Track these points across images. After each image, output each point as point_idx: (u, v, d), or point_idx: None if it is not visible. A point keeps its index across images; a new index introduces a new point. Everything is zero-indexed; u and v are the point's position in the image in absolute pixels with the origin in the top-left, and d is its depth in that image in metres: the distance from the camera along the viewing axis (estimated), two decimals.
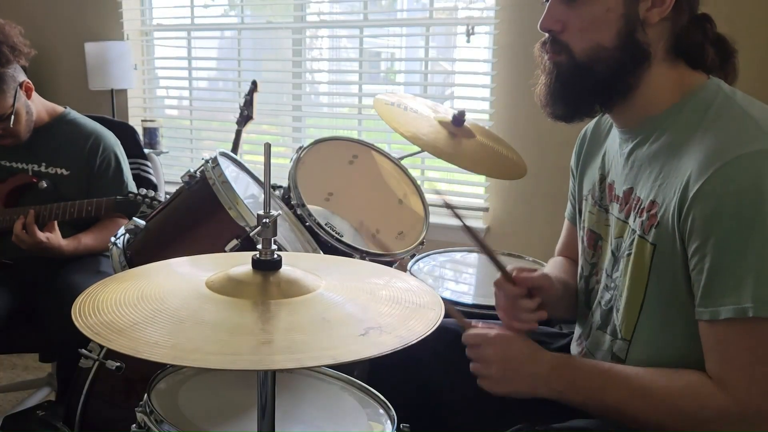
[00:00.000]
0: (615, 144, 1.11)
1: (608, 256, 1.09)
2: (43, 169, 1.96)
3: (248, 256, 0.87)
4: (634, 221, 1.02)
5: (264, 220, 0.85)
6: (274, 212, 0.86)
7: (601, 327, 1.10)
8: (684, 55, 1.00)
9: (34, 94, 1.95)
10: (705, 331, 0.91)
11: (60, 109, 2.06)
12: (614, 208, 1.09)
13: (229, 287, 0.83)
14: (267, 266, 0.85)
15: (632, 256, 1.01)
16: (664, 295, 0.97)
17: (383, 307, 0.83)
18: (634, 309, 1.01)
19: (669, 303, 0.97)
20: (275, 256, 0.86)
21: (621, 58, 0.99)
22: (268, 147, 0.87)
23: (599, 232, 1.13)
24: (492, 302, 1.57)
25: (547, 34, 1.08)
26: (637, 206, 1.01)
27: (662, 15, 0.97)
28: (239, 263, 0.87)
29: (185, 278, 0.91)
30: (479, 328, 1.10)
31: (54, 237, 1.83)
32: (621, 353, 1.04)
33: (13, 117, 1.85)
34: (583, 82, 1.02)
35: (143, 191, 1.82)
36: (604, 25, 0.99)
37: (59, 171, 1.96)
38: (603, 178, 1.14)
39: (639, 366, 1.00)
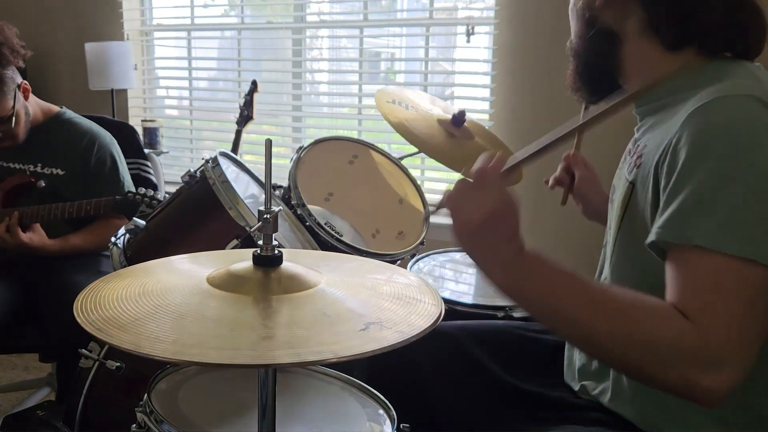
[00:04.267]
0: None
1: None
2: (39, 169, 1.96)
3: (249, 252, 0.87)
4: (627, 166, 1.04)
5: (265, 216, 0.85)
6: (275, 208, 0.86)
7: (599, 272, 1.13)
8: (661, 32, 0.99)
9: (30, 95, 1.95)
10: (671, 259, 0.86)
11: (55, 108, 2.06)
12: (625, 160, 1.10)
13: (230, 283, 0.83)
14: (268, 262, 0.85)
15: (616, 198, 1.05)
16: (630, 234, 0.99)
17: (384, 302, 0.84)
18: (612, 248, 1.04)
19: (634, 242, 0.96)
20: (276, 252, 0.86)
21: (590, 41, 1.06)
22: (269, 143, 0.87)
23: (616, 184, 1.14)
24: (492, 302, 1.58)
25: None
26: (633, 152, 1.04)
27: None
28: (240, 260, 0.87)
29: (186, 274, 0.91)
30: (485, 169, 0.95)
31: (37, 238, 1.85)
32: None
33: (14, 119, 1.86)
34: (585, 68, 1.10)
35: (142, 191, 1.82)
36: (576, 14, 1.09)
37: (55, 171, 1.96)
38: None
39: None
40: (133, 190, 1.87)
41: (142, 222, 1.49)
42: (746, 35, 0.98)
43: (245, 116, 2.48)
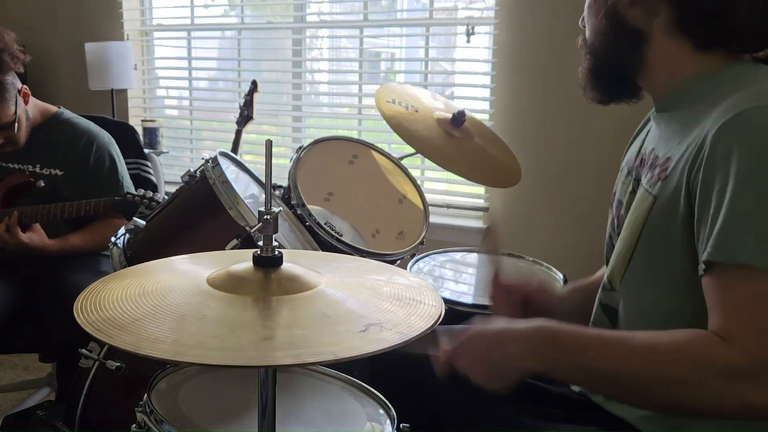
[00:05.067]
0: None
1: None
2: (38, 170, 1.97)
3: (249, 253, 0.87)
4: (645, 176, 1.02)
5: (265, 217, 0.85)
6: (275, 209, 0.86)
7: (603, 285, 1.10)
8: (689, 30, 0.97)
9: (30, 98, 1.96)
10: (709, 283, 0.86)
11: (53, 109, 2.06)
12: (641, 173, 1.07)
13: (230, 284, 0.83)
14: (268, 263, 0.85)
15: (633, 209, 1.01)
16: (653, 250, 0.96)
17: (384, 303, 0.83)
18: (623, 260, 1.01)
19: (656, 258, 0.95)
20: (276, 252, 0.86)
21: (612, 39, 1.02)
22: (269, 143, 0.87)
23: (624, 200, 1.13)
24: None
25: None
26: (653, 163, 1.01)
27: None
28: (240, 260, 0.87)
29: (187, 275, 0.91)
30: (443, 346, 1.02)
31: (37, 238, 1.85)
32: (612, 303, 1.05)
33: (16, 125, 1.86)
34: (599, 68, 1.07)
35: (141, 191, 1.82)
36: (595, 10, 1.04)
37: (54, 172, 1.96)
38: (640, 149, 1.13)
39: (628, 325, 0.99)
40: (132, 190, 1.87)
41: (142, 222, 1.49)
42: None
43: (245, 116, 2.48)
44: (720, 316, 0.84)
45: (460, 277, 1.86)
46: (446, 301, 1.52)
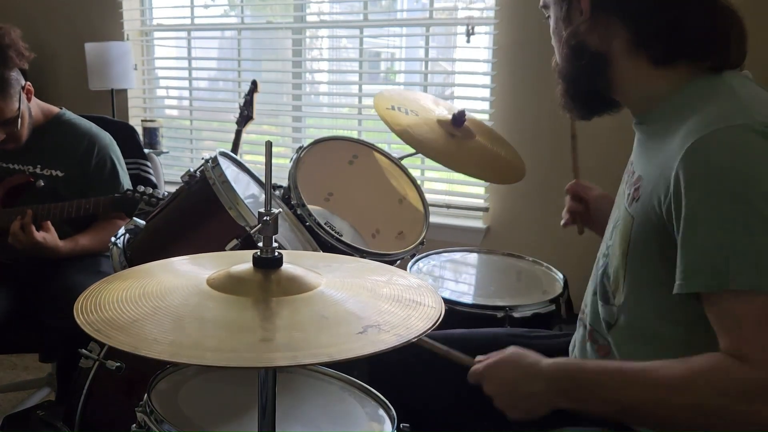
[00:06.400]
0: None
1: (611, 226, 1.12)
2: (38, 170, 1.96)
3: (249, 254, 0.87)
4: (624, 194, 1.05)
5: (265, 218, 0.85)
6: (275, 210, 0.86)
7: (594, 293, 1.11)
8: (647, 48, 1.00)
9: (32, 96, 1.96)
10: (710, 304, 0.88)
11: (55, 109, 2.06)
12: (625, 179, 1.11)
13: (230, 285, 0.83)
14: (268, 264, 0.85)
15: (619, 228, 1.04)
16: (639, 269, 0.99)
17: (383, 304, 0.83)
18: (619, 277, 1.03)
19: (643, 277, 0.98)
20: (276, 254, 0.86)
21: (577, 64, 1.05)
22: (269, 145, 0.87)
23: (620, 196, 1.14)
24: (491, 302, 1.58)
25: None
26: (629, 180, 1.04)
27: (587, 18, 1.01)
28: (241, 261, 0.87)
29: (187, 276, 0.91)
30: (477, 364, 1.08)
31: (50, 237, 1.83)
32: (610, 318, 1.05)
33: (18, 120, 1.86)
34: (571, 91, 1.10)
35: (141, 188, 1.82)
36: (557, 37, 1.08)
37: (54, 173, 1.96)
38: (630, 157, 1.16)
39: (627, 352, 1.01)
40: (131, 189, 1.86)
41: (142, 222, 1.49)
42: (728, 43, 0.98)
43: (245, 116, 2.48)
44: (728, 335, 0.86)
45: (460, 277, 1.86)
46: (446, 301, 1.52)
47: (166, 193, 1.79)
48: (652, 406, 0.89)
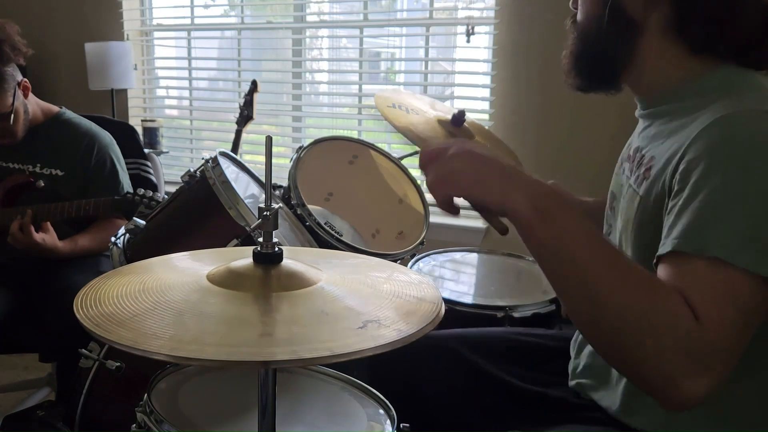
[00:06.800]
0: None
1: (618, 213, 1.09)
2: (38, 170, 1.96)
3: (250, 250, 0.86)
4: (631, 175, 1.01)
5: (265, 213, 0.85)
6: (275, 205, 0.86)
7: None
8: (686, 32, 0.96)
9: (30, 94, 1.95)
10: (682, 266, 0.82)
11: (55, 109, 2.06)
12: (626, 168, 1.07)
13: (230, 280, 0.83)
14: (268, 259, 0.85)
15: (624, 209, 1.01)
16: (641, 249, 0.96)
17: (383, 300, 0.83)
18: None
19: (645, 257, 0.93)
20: (276, 249, 0.86)
21: (605, 25, 0.98)
22: (269, 140, 0.87)
23: (616, 192, 1.12)
24: (491, 302, 1.58)
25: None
26: (639, 162, 1.00)
27: None
28: (241, 257, 0.87)
29: (187, 271, 0.91)
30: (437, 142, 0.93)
31: (50, 238, 1.83)
32: None
33: (12, 116, 1.86)
34: (585, 53, 1.04)
35: (141, 191, 1.82)
36: None
37: (54, 172, 1.96)
38: (630, 143, 1.13)
39: None
40: (132, 190, 1.86)
41: (142, 222, 1.49)
42: (765, 44, 0.96)
43: (245, 116, 2.49)
44: (692, 296, 0.79)
45: (460, 277, 1.86)
46: (446, 301, 1.52)
47: (165, 196, 1.79)
48: (599, 282, 0.80)
